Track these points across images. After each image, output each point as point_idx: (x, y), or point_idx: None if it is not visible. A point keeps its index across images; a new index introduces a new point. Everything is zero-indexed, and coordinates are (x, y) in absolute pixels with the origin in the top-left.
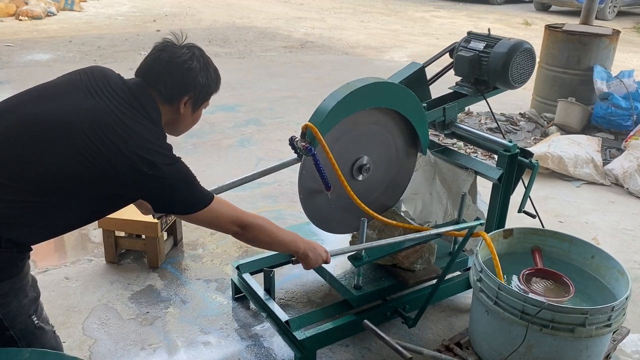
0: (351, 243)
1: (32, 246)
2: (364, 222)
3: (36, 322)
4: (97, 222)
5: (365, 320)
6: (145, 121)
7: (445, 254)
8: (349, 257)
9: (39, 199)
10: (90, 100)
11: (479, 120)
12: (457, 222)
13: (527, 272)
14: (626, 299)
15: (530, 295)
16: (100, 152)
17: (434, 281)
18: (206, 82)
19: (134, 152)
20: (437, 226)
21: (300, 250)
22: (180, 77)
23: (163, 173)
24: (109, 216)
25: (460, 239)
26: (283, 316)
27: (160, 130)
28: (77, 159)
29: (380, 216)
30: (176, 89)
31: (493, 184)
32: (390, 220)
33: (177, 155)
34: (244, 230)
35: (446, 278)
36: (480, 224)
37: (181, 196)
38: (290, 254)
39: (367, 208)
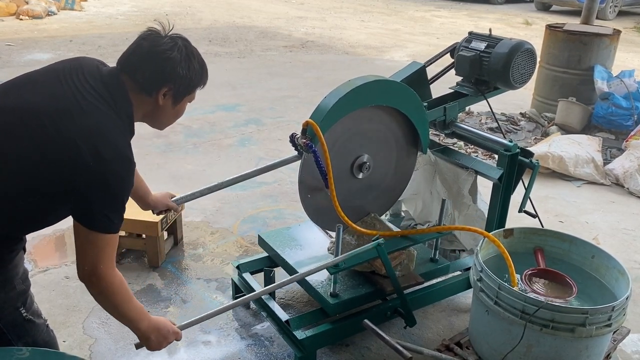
0: (329, 249)
1: (23, 237)
2: (339, 229)
3: (24, 314)
4: None
5: (365, 320)
6: (107, 109)
7: (426, 260)
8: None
9: (11, 190)
10: (57, 87)
11: (480, 120)
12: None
13: (529, 272)
14: (626, 298)
15: (532, 295)
16: (50, 137)
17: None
18: (187, 74)
19: (84, 140)
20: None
21: (140, 330)
22: (158, 66)
23: (105, 166)
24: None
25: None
26: (283, 316)
27: (123, 121)
28: (34, 147)
29: (354, 224)
30: (154, 79)
31: (493, 184)
32: (361, 229)
33: (131, 157)
34: (93, 279)
35: (446, 277)
36: (379, 243)
37: (102, 202)
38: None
39: (343, 214)
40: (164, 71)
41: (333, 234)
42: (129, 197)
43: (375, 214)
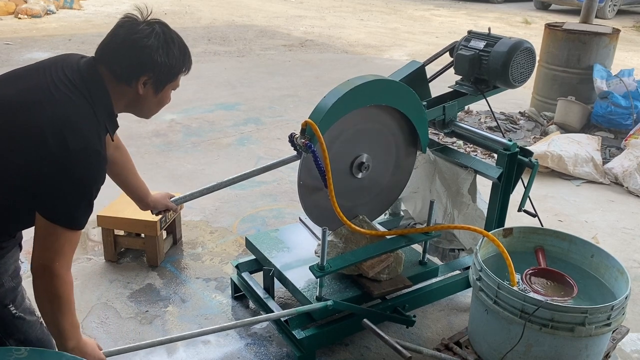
0: (316, 252)
1: (14, 234)
2: (324, 232)
3: (14, 311)
4: (96, 220)
5: (365, 320)
6: (80, 100)
7: (415, 263)
8: (310, 267)
9: None
10: (33, 80)
11: (479, 119)
12: (427, 225)
13: (530, 271)
14: (625, 298)
15: (532, 294)
16: (19, 127)
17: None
18: (166, 60)
19: (50, 127)
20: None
21: (66, 348)
22: (135, 55)
23: (70, 157)
24: (108, 215)
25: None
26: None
27: (99, 112)
28: (5, 139)
29: (351, 223)
30: (131, 68)
31: (493, 183)
32: (356, 227)
33: (100, 150)
34: (45, 274)
35: (446, 277)
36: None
37: (66, 196)
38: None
39: (341, 214)
40: (140, 60)
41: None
42: (129, 197)
43: (364, 215)
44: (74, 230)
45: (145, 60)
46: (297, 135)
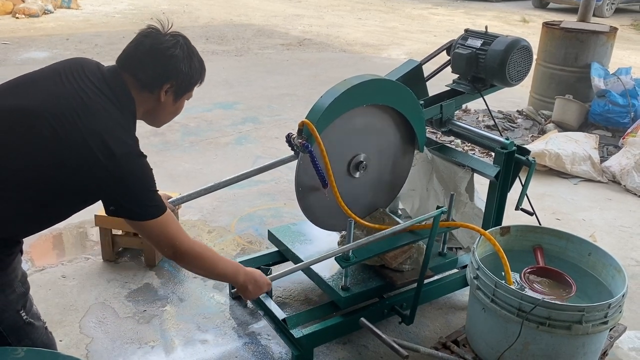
0: (339, 243)
1: (21, 240)
2: (350, 223)
3: (25, 317)
4: (94, 220)
5: (362, 319)
6: (112, 109)
7: (435, 254)
8: (336, 258)
9: (15, 193)
10: (59, 88)
11: (477, 118)
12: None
13: (528, 270)
14: (623, 296)
15: (531, 293)
16: (59, 138)
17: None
18: (189, 71)
19: (94, 139)
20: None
21: (239, 282)
22: (162, 63)
23: (118, 164)
24: (106, 214)
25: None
26: (280, 314)
27: (127, 119)
28: (39, 147)
29: (362, 220)
30: (157, 76)
31: (490, 182)
32: (369, 224)
33: (141, 151)
34: (179, 256)
35: (443, 276)
36: (443, 212)
37: (133, 196)
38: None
39: (349, 211)
40: (167, 68)
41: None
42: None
43: (384, 209)
44: (161, 215)
45: (170, 69)
46: (294, 136)
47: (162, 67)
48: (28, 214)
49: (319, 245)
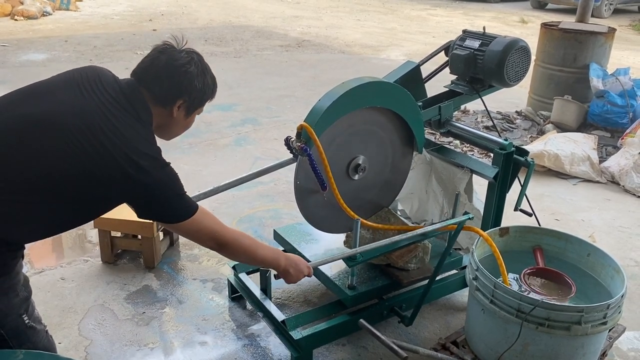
0: (345, 243)
1: (25, 245)
2: (357, 223)
3: (27, 321)
4: (93, 222)
5: (361, 320)
6: (134, 122)
7: (440, 253)
8: (342, 258)
9: (29, 199)
10: (80, 100)
11: (476, 119)
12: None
13: (528, 271)
14: (622, 296)
15: (531, 294)
16: (86, 153)
17: (422, 283)
18: (202, 87)
19: (121, 154)
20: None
21: (281, 267)
22: (177, 80)
23: (149, 177)
24: (104, 216)
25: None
26: (279, 316)
27: (149, 132)
28: (64, 159)
29: (367, 220)
30: (172, 91)
31: (489, 182)
32: (375, 224)
33: (166, 160)
34: (221, 247)
35: (442, 276)
36: (470, 218)
37: (165, 203)
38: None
39: (352, 212)
40: (181, 84)
41: None
42: (124, 203)
43: (389, 208)
44: (194, 214)
45: (185, 86)
46: (292, 139)
47: (177, 84)
48: (40, 220)
49: (325, 244)
